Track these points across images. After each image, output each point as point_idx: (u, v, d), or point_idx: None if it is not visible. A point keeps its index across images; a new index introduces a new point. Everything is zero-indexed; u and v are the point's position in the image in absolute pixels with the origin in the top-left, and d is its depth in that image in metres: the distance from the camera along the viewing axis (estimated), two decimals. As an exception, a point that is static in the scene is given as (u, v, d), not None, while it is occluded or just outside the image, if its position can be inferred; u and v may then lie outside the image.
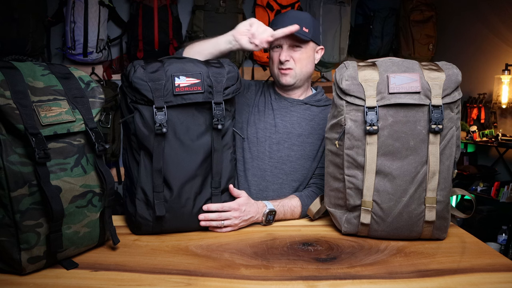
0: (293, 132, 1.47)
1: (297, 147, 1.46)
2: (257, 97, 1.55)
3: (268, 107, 1.52)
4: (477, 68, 3.67)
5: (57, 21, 3.10)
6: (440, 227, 1.14)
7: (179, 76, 1.13)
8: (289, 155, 1.45)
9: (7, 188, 0.86)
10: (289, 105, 1.51)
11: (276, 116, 1.49)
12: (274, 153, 1.45)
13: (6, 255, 0.89)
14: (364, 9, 3.68)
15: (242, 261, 1.03)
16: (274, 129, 1.47)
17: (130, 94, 1.14)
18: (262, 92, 1.57)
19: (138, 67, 1.15)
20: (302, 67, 1.47)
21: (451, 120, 1.11)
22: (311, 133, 1.47)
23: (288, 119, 1.49)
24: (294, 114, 1.50)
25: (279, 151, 1.45)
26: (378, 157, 1.11)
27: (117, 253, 1.06)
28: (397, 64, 1.13)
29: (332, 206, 1.23)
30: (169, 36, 3.13)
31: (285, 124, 1.48)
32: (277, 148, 1.46)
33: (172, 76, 1.12)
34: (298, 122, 1.48)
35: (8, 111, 0.86)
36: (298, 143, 1.46)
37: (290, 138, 1.46)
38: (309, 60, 1.48)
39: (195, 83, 1.13)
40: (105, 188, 1.01)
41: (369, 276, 0.96)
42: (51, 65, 1.02)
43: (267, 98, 1.54)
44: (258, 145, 1.46)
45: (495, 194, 3.22)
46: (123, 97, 1.19)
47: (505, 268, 1.01)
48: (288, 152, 1.45)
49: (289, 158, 1.45)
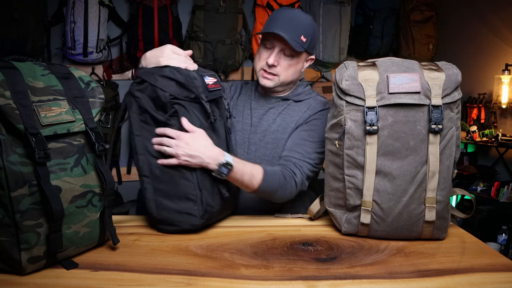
0: (269, 129, 1.44)
1: (271, 145, 1.42)
2: (236, 99, 1.51)
3: (247, 107, 1.49)
4: (477, 68, 3.67)
5: (57, 21, 3.10)
6: (440, 227, 1.14)
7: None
8: (264, 154, 1.42)
9: (7, 188, 0.86)
10: (267, 103, 1.48)
11: (254, 116, 1.46)
12: (252, 154, 1.43)
13: (6, 255, 0.89)
14: (364, 9, 3.68)
15: (242, 261, 1.03)
16: (250, 129, 1.45)
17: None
18: (241, 92, 1.53)
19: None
20: (288, 76, 1.41)
21: (451, 120, 1.11)
22: (285, 128, 1.43)
23: (265, 117, 1.45)
24: (272, 111, 1.46)
25: (256, 151, 1.43)
26: (378, 157, 1.11)
27: (117, 253, 1.06)
28: (397, 64, 1.13)
29: (332, 206, 1.23)
30: (169, 36, 3.13)
31: (262, 123, 1.45)
32: (254, 148, 1.43)
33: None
34: (273, 118, 1.45)
35: (8, 111, 0.86)
36: (272, 141, 1.43)
37: (265, 137, 1.43)
38: (296, 70, 1.42)
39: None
40: (105, 188, 1.01)
41: (369, 276, 0.96)
42: (51, 65, 1.01)
43: (247, 98, 1.51)
44: (237, 147, 1.44)
45: (495, 194, 3.22)
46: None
47: (505, 268, 1.01)
48: (264, 151, 1.42)
49: (265, 158, 1.42)
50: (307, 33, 1.37)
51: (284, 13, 1.40)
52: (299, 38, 1.35)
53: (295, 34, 1.34)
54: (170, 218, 1.18)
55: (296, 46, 1.34)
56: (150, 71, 1.17)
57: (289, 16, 1.37)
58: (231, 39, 3.26)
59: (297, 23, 1.35)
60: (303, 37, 1.35)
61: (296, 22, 1.36)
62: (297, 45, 1.34)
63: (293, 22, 1.35)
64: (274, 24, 1.35)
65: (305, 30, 1.36)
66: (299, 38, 1.35)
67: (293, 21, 1.35)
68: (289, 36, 1.33)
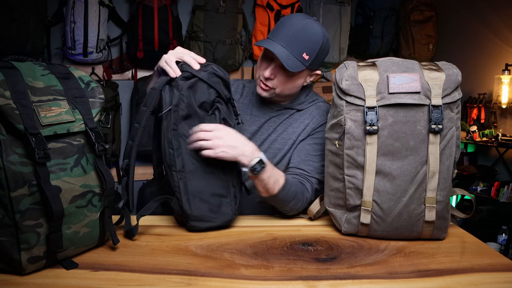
0: (268, 138, 1.41)
1: (268, 154, 1.37)
2: (237, 100, 1.45)
3: (247, 113, 1.44)
4: (477, 68, 3.67)
5: (57, 21, 3.10)
6: (440, 227, 1.14)
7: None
8: None
9: (7, 188, 0.86)
10: (269, 111, 1.43)
11: (254, 124, 1.42)
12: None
13: (6, 255, 0.89)
14: (364, 9, 3.68)
15: (242, 261, 1.03)
16: (249, 136, 1.39)
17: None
18: (242, 93, 1.49)
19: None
20: (285, 90, 1.35)
21: (451, 120, 1.11)
22: (285, 139, 1.39)
23: (266, 125, 1.42)
24: (273, 120, 1.42)
25: None
26: (378, 157, 1.11)
27: (117, 253, 1.06)
28: (397, 64, 1.13)
29: (332, 206, 1.23)
30: (169, 36, 3.14)
31: (262, 131, 1.42)
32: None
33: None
34: (274, 127, 1.41)
35: (8, 111, 0.86)
36: (269, 149, 1.39)
37: (263, 145, 1.40)
38: (295, 85, 1.35)
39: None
40: (105, 188, 1.01)
41: (369, 276, 0.96)
42: (51, 65, 1.01)
43: (248, 102, 1.46)
44: None
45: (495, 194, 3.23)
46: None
47: (505, 268, 1.01)
48: None
49: None
50: (312, 50, 1.28)
51: (293, 24, 1.29)
52: (300, 56, 1.27)
53: (296, 51, 1.27)
54: (204, 215, 1.18)
55: (291, 66, 1.26)
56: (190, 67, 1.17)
57: (296, 29, 1.27)
58: (231, 39, 3.26)
59: (303, 39, 1.27)
60: (305, 55, 1.27)
61: (302, 37, 1.27)
62: (294, 65, 1.27)
63: (298, 37, 1.27)
64: (277, 35, 1.29)
65: (310, 47, 1.28)
66: (300, 55, 1.27)
67: (299, 36, 1.27)
68: (287, 55, 1.26)
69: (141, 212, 1.16)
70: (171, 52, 1.21)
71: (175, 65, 1.17)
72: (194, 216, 1.17)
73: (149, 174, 3.21)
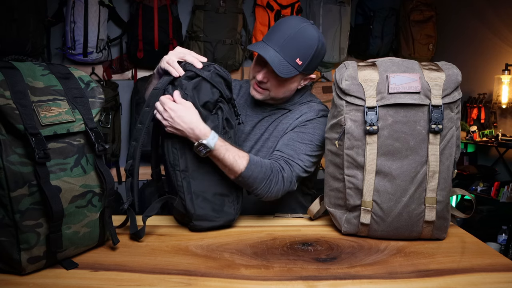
0: (261, 138, 1.40)
1: (262, 152, 1.37)
2: (236, 99, 1.44)
3: (242, 113, 1.43)
4: (477, 68, 3.67)
5: (57, 21, 3.10)
6: (440, 227, 1.14)
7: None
8: None
9: (7, 188, 0.86)
10: (262, 111, 1.42)
11: (248, 124, 1.42)
12: None
13: (6, 255, 0.89)
14: (364, 9, 3.68)
15: (242, 261, 1.03)
16: (243, 137, 1.41)
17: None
18: (239, 94, 1.49)
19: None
20: (278, 93, 1.35)
21: (451, 120, 1.11)
22: (275, 136, 1.38)
23: (259, 125, 1.41)
24: (266, 119, 1.41)
25: None
26: (378, 157, 1.11)
27: (117, 253, 1.06)
28: (397, 64, 1.13)
29: (332, 206, 1.23)
30: (169, 36, 3.14)
31: (255, 131, 1.42)
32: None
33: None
34: (266, 127, 1.40)
35: (8, 111, 0.86)
36: (262, 148, 1.39)
37: (257, 144, 1.40)
38: (288, 89, 1.35)
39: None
40: (105, 188, 1.01)
41: (369, 276, 0.96)
42: (51, 65, 1.01)
43: (244, 103, 1.46)
44: None
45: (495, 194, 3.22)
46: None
47: (505, 268, 1.01)
48: None
49: None
50: (305, 55, 1.27)
51: (288, 27, 1.27)
52: (293, 61, 1.26)
53: (289, 56, 1.26)
54: (208, 214, 1.18)
55: (283, 72, 1.25)
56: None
57: (291, 33, 1.26)
58: (231, 39, 3.26)
59: (297, 43, 1.26)
60: (298, 60, 1.26)
61: (296, 41, 1.26)
62: (286, 71, 1.26)
63: (292, 42, 1.25)
64: (271, 39, 1.28)
65: (304, 52, 1.27)
66: (293, 60, 1.26)
67: (293, 41, 1.26)
68: (279, 60, 1.25)
69: (146, 213, 1.16)
70: (172, 53, 1.21)
71: (177, 65, 1.17)
72: (198, 215, 1.17)
73: (149, 174, 3.17)
